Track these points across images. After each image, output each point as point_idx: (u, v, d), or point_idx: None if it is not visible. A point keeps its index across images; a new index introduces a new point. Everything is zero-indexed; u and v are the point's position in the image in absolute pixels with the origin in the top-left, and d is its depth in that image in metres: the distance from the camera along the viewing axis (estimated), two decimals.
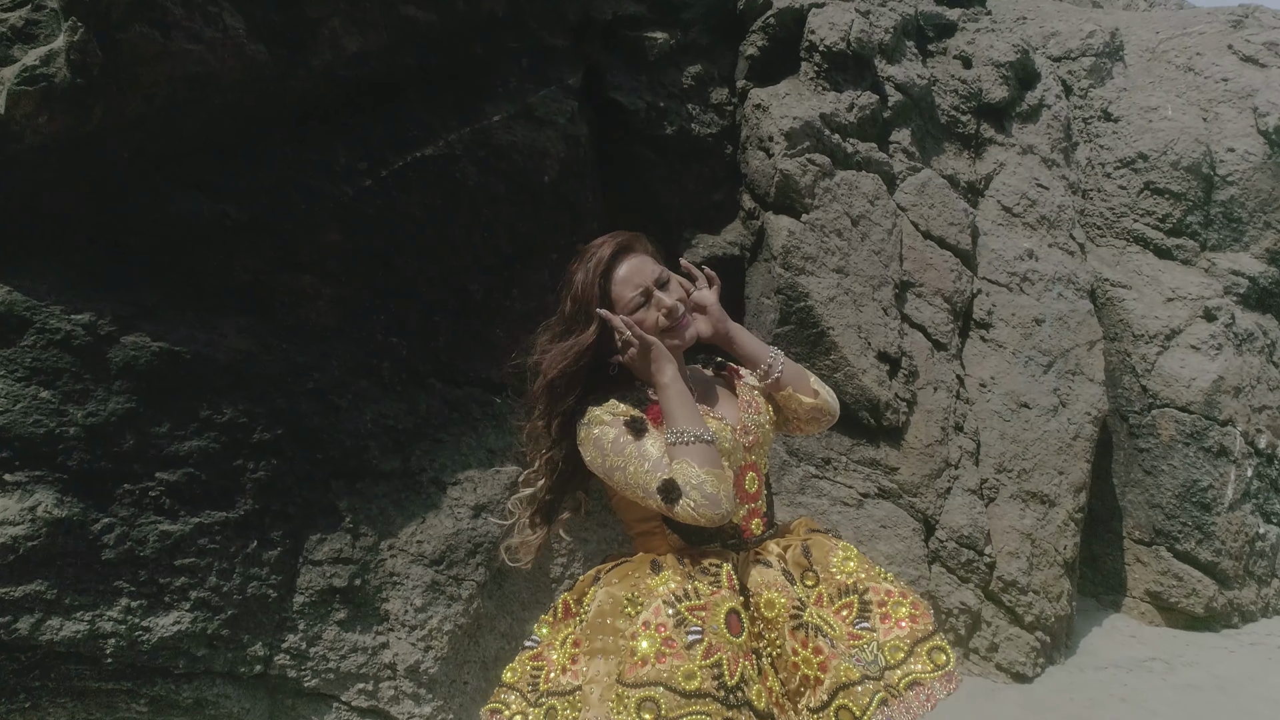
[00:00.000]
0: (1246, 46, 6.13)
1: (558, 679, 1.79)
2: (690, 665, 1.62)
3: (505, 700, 1.85)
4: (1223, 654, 4.92)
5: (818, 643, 1.78)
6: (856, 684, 1.74)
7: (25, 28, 2.68)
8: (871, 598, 1.92)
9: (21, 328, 2.69)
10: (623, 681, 1.64)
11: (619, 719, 1.60)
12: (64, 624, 2.74)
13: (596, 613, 1.78)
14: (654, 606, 1.70)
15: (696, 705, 1.59)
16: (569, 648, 1.82)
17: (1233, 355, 5.36)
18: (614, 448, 1.77)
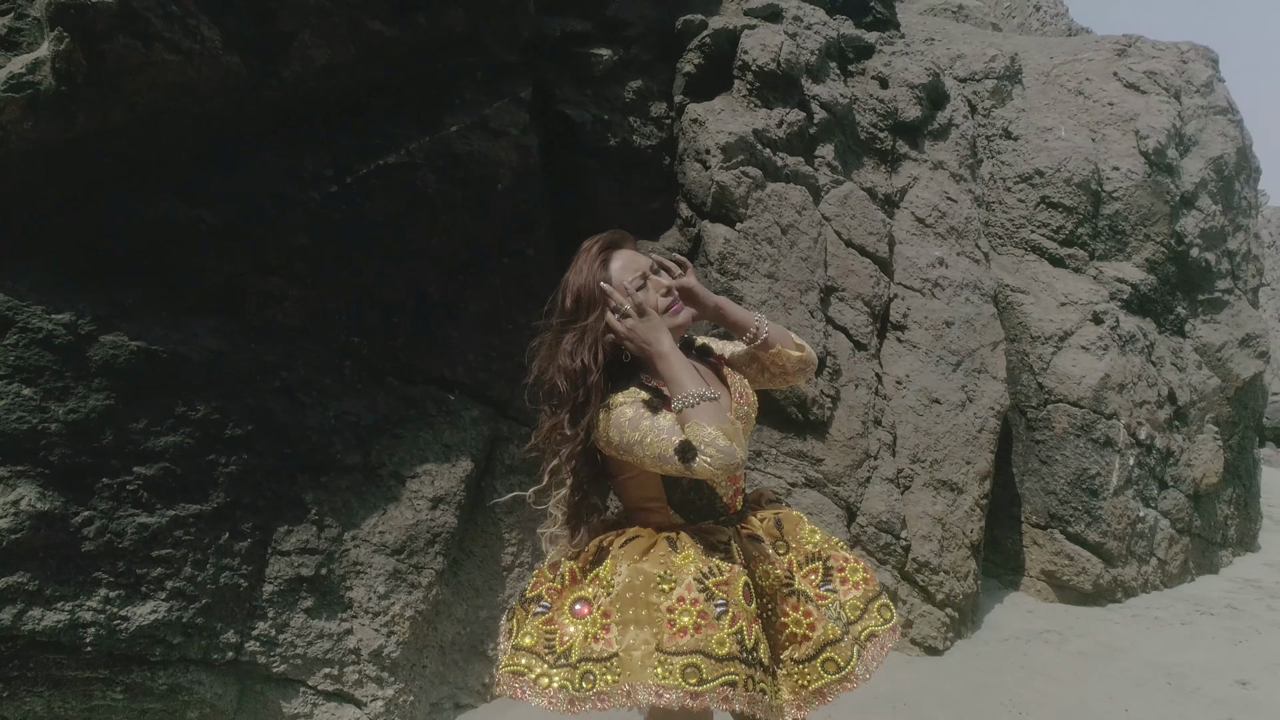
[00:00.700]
0: (1130, 74, 6.73)
1: (587, 645, 1.93)
2: (721, 634, 1.86)
3: (527, 664, 1.99)
4: (1108, 625, 5.45)
5: (806, 607, 2.06)
6: (840, 640, 2.03)
7: (8, 35, 2.75)
8: (833, 564, 2.21)
9: (4, 326, 2.77)
10: (664, 650, 1.85)
11: (667, 682, 1.82)
12: (45, 614, 2.83)
13: (627, 586, 1.96)
14: (686, 583, 1.92)
15: (728, 667, 1.83)
16: (594, 617, 1.98)
17: (1117, 355, 5.91)
18: (631, 424, 1.96)
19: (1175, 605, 5.88)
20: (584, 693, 1.88)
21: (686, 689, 1.79)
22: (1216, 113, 7.00)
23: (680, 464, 1.88)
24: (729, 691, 1.81)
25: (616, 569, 2.02)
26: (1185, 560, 6.37)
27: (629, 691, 1.84)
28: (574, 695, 1.89)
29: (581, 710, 1.90)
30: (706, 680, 1.81)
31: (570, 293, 2.10)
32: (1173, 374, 6.40)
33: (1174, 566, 6.24)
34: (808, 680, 2.02)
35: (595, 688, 1.87)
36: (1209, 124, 6.91)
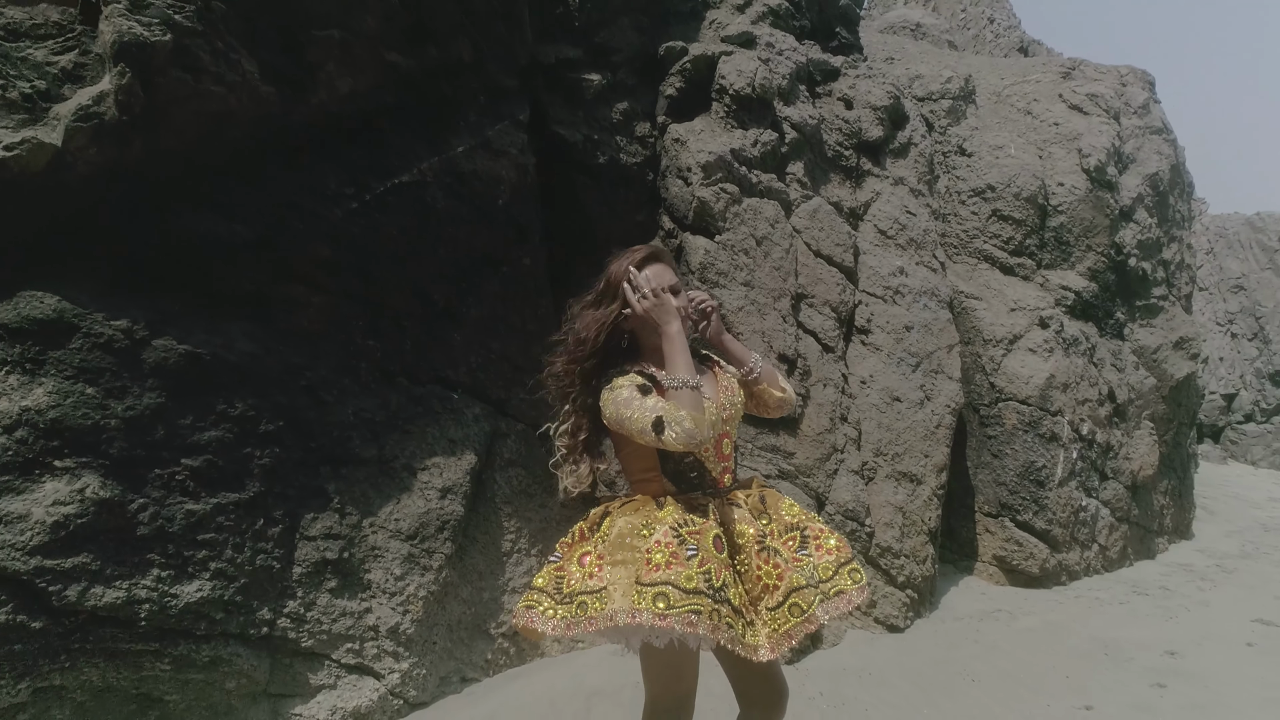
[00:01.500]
0: (1073, 96, 7.25)
1: (584, 582, 2.35)
2: (690, 571, 2.24)
3: (538, 599, 2.40)
4: (1053, 605, 5.93)
5: (776, 560, 2.45)
6: (804, 588, 2.43)
7: (74, 70, 3.05)
8: (809, 533, 2.61)
9: (70, 332, 3.07)
10: (640, 582, 2.24)
11: (640, 606, 2.20)
12: (106, 591, 3.12)
13: (617, 535, 2.36)
14: (663, 530, 2.31)
15: (694, 600, 2.21)
16: (591, 562, 2.39)
17: (1062, 357, 6.40)
18: (624, 402, 2.35)
19: (1114, 587, 6.39)
20: (578, 618, 2.31)
21: (655, 612, 2.17)
22: (1153, 132, 7.55)
23: (654, 435, 2.29)
24: (693, 619, 2.18)
25: (613, 524, 2.44)
26: (1124, 546, 6.88)
27: (611, 615, 2.24)
28: (571, 621, 2.32)
29: (575, 632, 2.32)
30: (674, 607, 2.18)
31: (605, 279, 2.50)
32: (1112, 374, 6.91)
33: (1114, 552, 6.75)
34: (778, 624, 2.41)
35: (587, 614, 2.29)
36: (1146, 143, 7.46)
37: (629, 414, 2.34)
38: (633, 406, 2.34)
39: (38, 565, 3.00)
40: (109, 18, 3.00)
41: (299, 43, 3.53)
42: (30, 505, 3.00)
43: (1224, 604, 6.05)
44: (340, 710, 3.68)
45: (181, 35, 3.11)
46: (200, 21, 3.17)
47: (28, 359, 3.03)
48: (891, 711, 4.06)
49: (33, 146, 2.91)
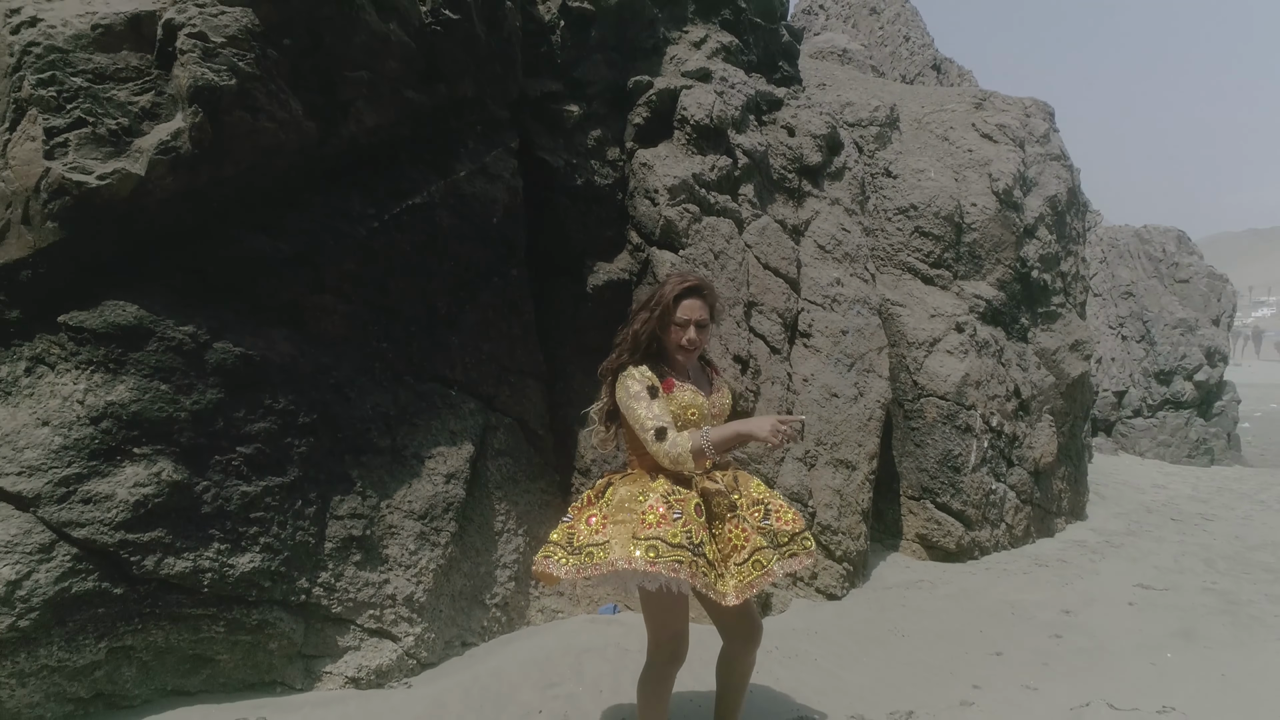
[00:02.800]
0: (984, 125, 8.13)
1: (591, 537, 2.97)
2: (675, 529, 2.87)
3: (553, 551, 3.04)
4: (968, 575, 6.75)
5: (744, 527, 3.10)
6: (765, 548, 3.08)
7: (151, 108, 3.51)
8: (771, 508, 3.26)
9: (147, 336, 3.53)
10: (636, 536, 2.86)
11: (635, 554, 2.82)
12: (176, 561, 3.59)
13: (619, 500, 3.00)
14: (655, 497, 2.94)
15: (679, 553, 2.84)
16: (596, 522, 3.01)
17: (975, 357, 7.24)
18: (635, 395, 2.99)
19: (1019, 560, 7.26)
20: (586, 565, 2.96)
21: (647, 559, 2.82)
22: (1052, 159, 8.49)
23: (652, 439, 2.96)
24: (676, 566, 2.81)
25: (615, 492, 3.10)
26: (1028, 525, 7.78)
27: (612, 561, 2.88)
28: (580, 566, 2.97)
29: (583, 576, 2.97)
30: (661, 556, 2.82)
31: (658, 292, 3.12)
32: (1018, 373, 7.80)
33: (1019, 530, 7.63)
34: (743, 577, 3.05)
35: (594, 561, 2.94)
36: (1046, 168, 8.40)
37: (635, 406, 2.98)
38: (641, 403, 2.98)
39: (122, 539, 3.46)
40: (185, 64, 3.48)
41: (333, 83, 4.04)
42: (115, 486, 3.46)
43: (1111, 573, 6.97)
44: (364, 669, 4.19)
45: (244, 80, 3.60)
46: (258, 67, 3.66)
47: (111, 360, 3.49)
48: (835, 660, 4.76)
49: (122, 176, 3.37)
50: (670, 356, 3.14)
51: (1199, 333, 15.04)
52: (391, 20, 4.16)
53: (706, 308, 3.14)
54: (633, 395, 3.01)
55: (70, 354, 3.48)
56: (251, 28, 3.62)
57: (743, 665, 3.26)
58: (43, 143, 3.31)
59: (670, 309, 3.06)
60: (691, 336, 3.09)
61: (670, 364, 3.14)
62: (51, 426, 3.41)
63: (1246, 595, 6.34)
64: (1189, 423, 14.72)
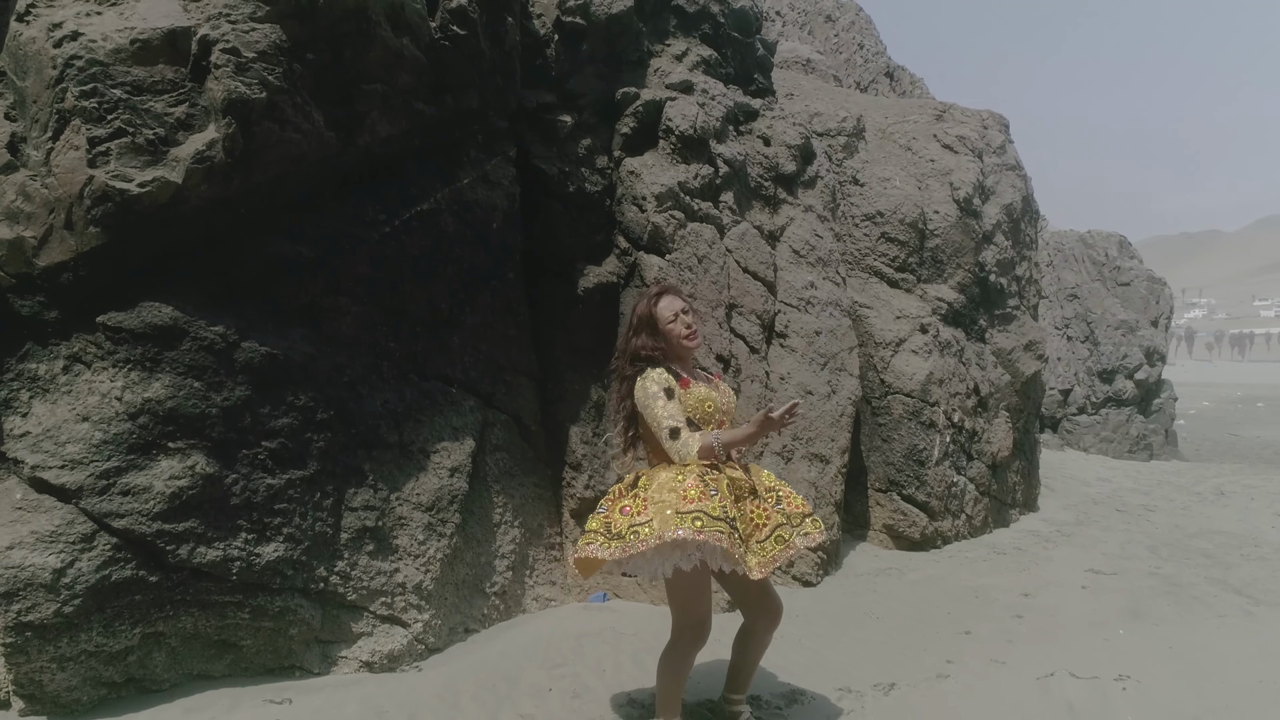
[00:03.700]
0: (945, 136, 8.56)
1: (632, 519, 3.21)
2: (713, 504, 3.15)
3: (594, 537, 3.29)
4: (932, 563, 7.15)
5: (764, 507, 3.40)
6: (784, 525, 3.38)
7: (186, 119, 3.69)
8: (781, 494, 3.55)
9: (181, 336, 3.71)
10: (678, 511, 3.12)
11: (682, 525, 3.07)
12: (208, 551, 3.78)
13: (658, 484, 3.24)
14: (692, 478, 3.19)
15: (719, 525, 3.11)
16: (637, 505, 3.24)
17: (938, 357, 7.65)
18: (651, 396, 3.27)
19: (978, 549, 7.68)
20: (632, 543, 3.18)
21: (693, 529, 3.07)
22: (1008, 169, 8.96)
23: (666, 437, 3.24)
24: (720, 537, 3.08)
25: (652, 479, 3.34)
26: (986, 516, 8.22)
27: (660, 534, 3.11)
28: (625, 545, 3.20)
29: (630, 553, 3.18)
30: (706, 527, 3.08)
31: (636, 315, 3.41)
32: (977, 372, 8.24)
33: (978, 521, 8.06)
34: (766, 553, 3.36)
35: (640, 537, 3.17)
36: (1003, 178, 8.86)
37: (653, 405, 3.26)
38: (658, 404, 3.27)
39: (158, 529, 3.64)
40: (219, 78, 3.66)
41: (351, 96, 4.24)
42: (151, 479, 3.64)
43: (1064, 559, 7.42)
44: (377, 653, 4.40)
45: (273, 93, 3.80)
46: (286, 81, 3.86)
47: (148, 358, 3.66)
48: (818, 640, 5.08)
49: (161, 184, 3.55)
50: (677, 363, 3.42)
51: (1139, 333, 15.77)
52: (405, 36, 4.37)
53: (679, 299, 3.46)
54: (650, 395, 3.28)
55: (107, 353, 3.64)
56: (279, 43, 3.81)
57: (761, 641, 3.56)
58: (86, 151, 3.47)
59: (654, 317, 3.36)
60: (688, 322, 3.41)
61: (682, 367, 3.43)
62: (91, 422, 3.57)
63: (1188, 579, 6.82)
64: (1130, 420, 15.43)
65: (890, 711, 3.98)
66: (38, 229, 3.57)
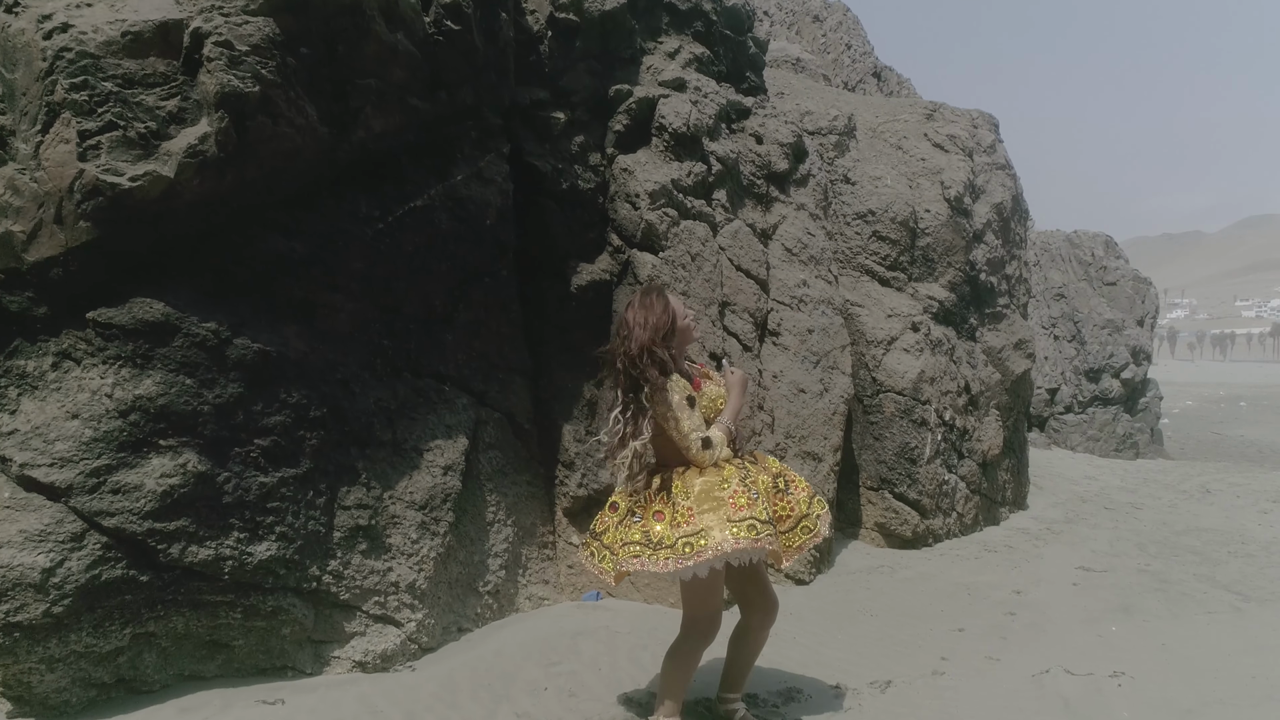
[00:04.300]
0: (936, 135, 8.58)
1: (679, 529, 3.17)
2: (759, 509, 3.17)
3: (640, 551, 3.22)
4: (924, 560, 7.16)
5: (788, 499, 3.41)
6: (806, 516, 3.39)
7: (178, 113, 3.64)
8: (789, 479, 3.56)
9: (173, 332, 3.67)
10: (731, 520, 3.13)
11: (740, 534, 3.08)
12: (200, 550, 3.73)
13: (700, 491, 3.22)
14: (735, 484, 3.20)
15: (767, 527, 3.14)
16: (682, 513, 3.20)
17: (929, 355, 7.66)
18: (679, 406, 3.25)
19: (970, 546, 7.70)
20: (688, 556, 3.14)
21: (750, 537, 3.11)
22: (998, 168, 8.99)
23: (697, 447, 3.26)
24: (771, 540, 3.17)
25: (689, 486, 3.28)
26: (976, 514, 8.24)
27: (719, 545, 3.10)
28: (680, 558, 3.15)
29: (685, 565, 3.14)
30: (761, 534, 3.14)
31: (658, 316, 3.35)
32: (968, 370, 8.26)
33: (969, 518, 8.08)
34: (790, 542, 3.42)
35: (694, 550, 3.14)
36: (993, 177, 8.89)
37: (678, 419, 3.26)
38: (685, 413, 3.26)
39: (150, 527, 3.59)
40: (211, 71, 3.62)
41: (345, 91, 4.20)
42: (143, 477, 3.60)
43: (1054, 557, 7.46)
44: (370, 653, 4.36)
45: (266, 87, 3.76)
46: (279, 75, 3.82)
47: (139, 355, 3.61)
48: (813, 638, 5.07)
49: (153, 178, 3.50)
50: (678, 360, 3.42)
51: (1125, 333, 15.88)
52: (399, 31, 4.34)
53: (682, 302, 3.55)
54: (675, 406, 3.27)
55: (98, 349, 3.59)
56: (273, 36, 3.77)
57: (758, 638, 3.55)
58: (76, 145, 3.42)
59: (675, 314, 3.38)
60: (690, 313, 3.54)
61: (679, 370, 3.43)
62: (81, 419, 3.52)
63: (1176, 575, 6.86)
64: (1116, 418, 15.53)
65: (888, 709, 3.98)
66: (27, 223, 3.52)
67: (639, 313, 3.36)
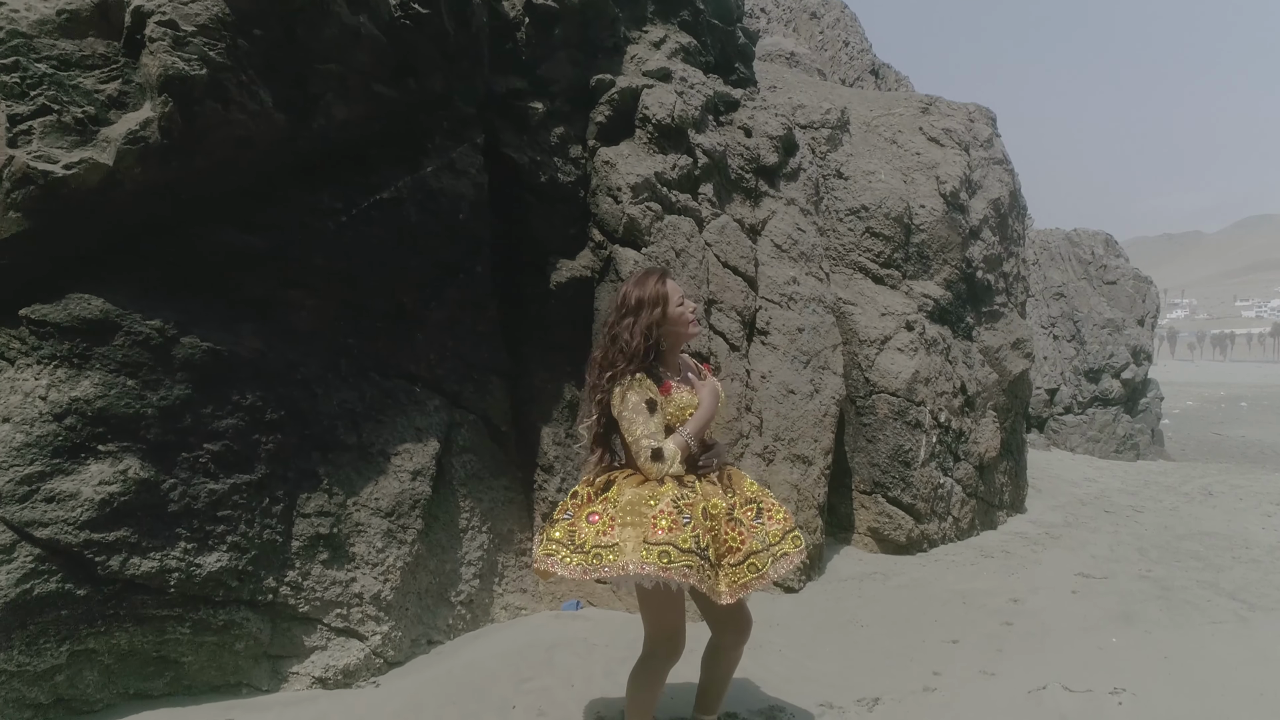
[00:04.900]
0: (931, 129, 8.35)
1: (598, 538, 2.97)
2: (685, 535, 2.90)
3: (557, 549, 3.03)
4: (918, 567, 6.93)
5: (739, 529, 3.13)
6: (760, 552, 3.12)
7: (119, 96, 3.42)
8: (763, 506, 3.29)
9: (113, 330, 3.44)
10: (648, 541, 2.89)
11: (648, 560, 2.85)
12: (142, 561, 3.51)
13: (627, 502, 3.00)
14: (665, 502, 2.95)
15: (688, 558, 2.87)
16: (603, 522, 3.00)
17: (924, 355, 7.44)
18: (634, 409, 3.01)
19: (966, 552, 7.48)
20: (595, 565, 2.96)
21: (659, 565, 2.85)
22: (995, 163, 8.77)
23: (646, 457, 3.00)
24: (687, 571, 2.86)
25: (621, 492, 3.09)
26: (973, 518, 8.02)
27: (624, 565, 2.90)
28: (587, 567, 2.97)
29: (591, 577, 2.98)
30: (674, 562, 2.86)
31: (633, 298, 3.12)
32: (964, 370, 8.04)
33: (965, 523, 7.86)
34: (737, 578, 3.08)
35: (603, 562, 2.94)
36: (990, 172, 8.66)
37: (635, 425, 3.02)
38: (641, 416, 3.02)
39: (86, 538, 3.37)
40: (154, 53, 3.40)
41: (305, 76, 3.98)
42: (79, 485, 3.37)
43: (1052, 562, 7.23)
44: (331, 669, 4.14)
45: (215, 70, 3.54)
46: (229, 57, 3.60)
47: (76, 354, 3.39)
48: (800, 650, 4.85)
49: (89, 166, 3.28)
50: (665, 356, 3.18)
51: (1125, 332, 15.65)
52: (362, 13, 4.12)
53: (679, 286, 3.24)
54: (633, 408, 3.03)
55: (32, 348, 3.37)
56: (222, 17, 3.55)
57: (730, 658, 3.32)
58: (6, 130, 3.20)
59: (667, 297, 3.11)
60: (694, 307, 3.20)
61: (665, 364, 3.18)
62: (13, 423, 3.30)
63: (1179, 582, 6.64)
64: (1116, 419, 15.31)
65: None
66: None
67: (631, 289, 3.15)
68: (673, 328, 3.15)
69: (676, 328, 3.15)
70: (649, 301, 3.10)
